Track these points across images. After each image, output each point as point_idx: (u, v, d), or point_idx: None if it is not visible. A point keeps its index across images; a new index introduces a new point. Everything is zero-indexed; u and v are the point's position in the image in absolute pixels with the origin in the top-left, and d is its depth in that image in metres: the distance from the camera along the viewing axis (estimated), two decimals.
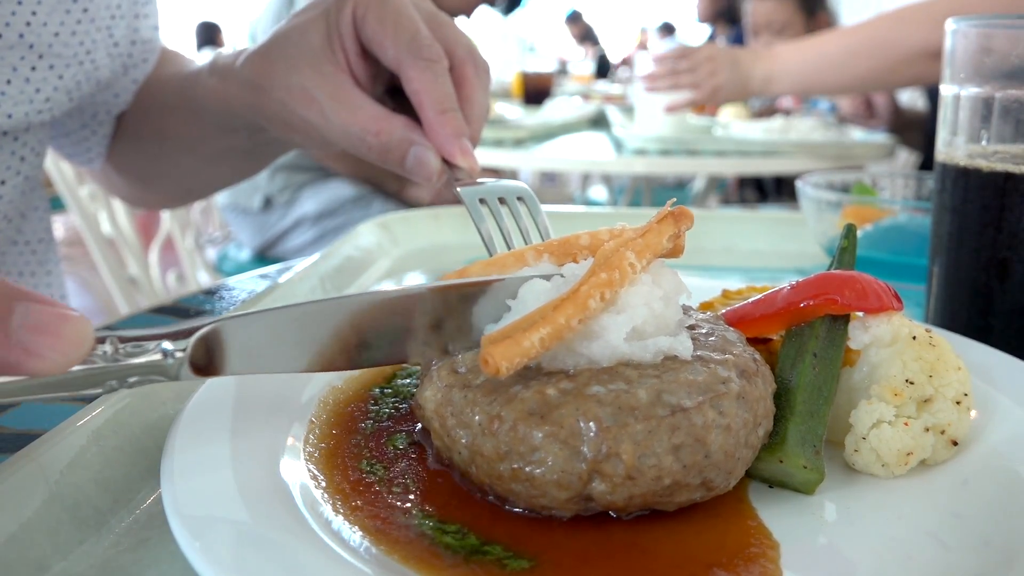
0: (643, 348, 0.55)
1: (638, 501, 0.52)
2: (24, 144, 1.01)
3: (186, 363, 0.52)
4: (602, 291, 0.55)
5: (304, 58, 0.85)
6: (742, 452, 0.54)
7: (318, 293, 1.03)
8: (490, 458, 0.53)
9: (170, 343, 0.52)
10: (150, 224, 3.14)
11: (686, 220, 0.62)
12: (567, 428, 0.51)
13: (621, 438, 0.50)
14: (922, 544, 0.53)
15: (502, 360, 0.51)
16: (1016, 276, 0.81)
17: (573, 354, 0.55)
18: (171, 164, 1.18)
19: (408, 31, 0.83)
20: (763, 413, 0.56)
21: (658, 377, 0.53)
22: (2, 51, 0.88)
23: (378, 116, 0.84)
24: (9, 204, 1.03)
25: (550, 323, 0.52)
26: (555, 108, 4.05)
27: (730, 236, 1.45)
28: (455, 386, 0.57)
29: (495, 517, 0.54)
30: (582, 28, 11.43)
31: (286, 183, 2.87)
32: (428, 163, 0.83)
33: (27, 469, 0.54)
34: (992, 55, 0.81)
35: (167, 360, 0.52)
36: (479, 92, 0.89)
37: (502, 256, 0.65)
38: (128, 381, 0.51)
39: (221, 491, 0.51)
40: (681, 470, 0.51)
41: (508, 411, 0.53)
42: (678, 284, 0.60)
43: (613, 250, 0.58)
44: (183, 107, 1.08)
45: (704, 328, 0.62)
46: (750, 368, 0.57)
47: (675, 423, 0.51)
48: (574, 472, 0.51)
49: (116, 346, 0.50)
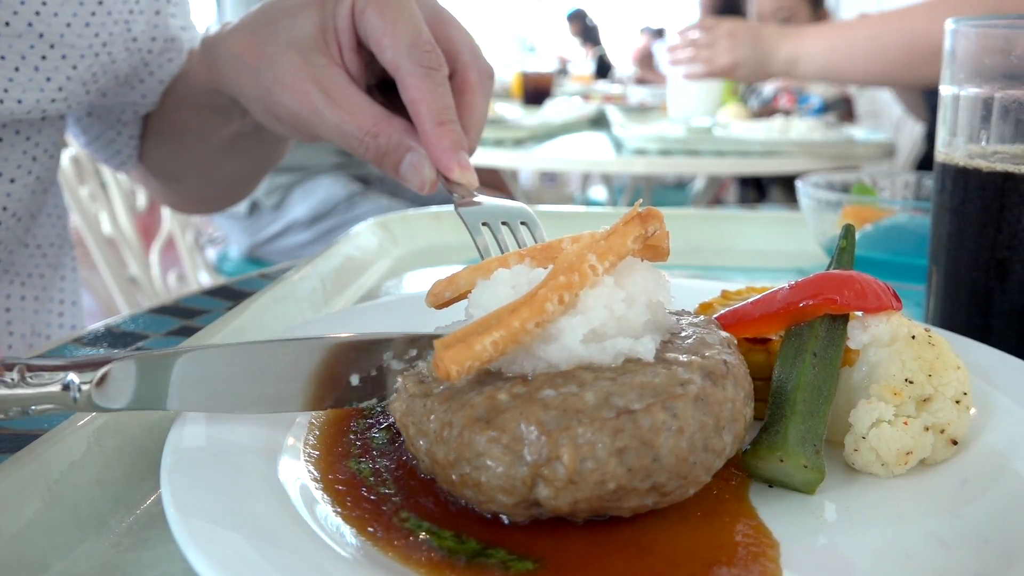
0: (601, 350, 0.54)
1: (584, 506, 0.51)
2: (36, 144, 1.01)
3: (90, 396, 0.54)
4: (560, 294, 0.54)
5: (294, 46, 0.83)
6: (699, 456, 0.52)
7: (318, 293, 1.03)
8: (443, 464, 0.53)
9: (76, 375, 0.53)
10: (151, 224, 3.13)
11: (654, 221, 0.61)
12: (509, 433, 0.50)
13: (562, 441, 0.49)
14: (922, 543, 0.53)
15: (452, 364, 0.50)
16: (1016, 276, 0.81)
17: (532, 358, 0.55)
18: (191, 158, 1.18)
19: (409, 33, 0.80)
20: (728, 417, 0.54)
21: (612, 380, 0.52)
22: (10, 39, 0.88)
23: (378, 117, 0.82)
24: (19, 202, 1.03)
25: (504, 326, 0.52)
26: (555, 108, 4.05)
27: (730, 236, 1.45)
28: (417, 395, 0.56)
29: (496, 520, 0.53)
30: (583, 27, 11.43)
31: (271, 186, 2.82)
32: (423, 172, 0.81)
33: (27, 469, 0.54)
34: (992, 55, 0.81)
35: (69, 392, 0.53)
36: (480, 100, 0.86)
37: (488, 261, 0.65)
38: (31, 409, 0.52)
39: (221, 491, 0.51)
40: (626, 474, 0.50)
41: (458, 417, 0.52)
42: (653, 286, 0.59)
43: (575, 253, 0.57)
44: (186, 94, 1.08)
45: (687, 331, 0.61)
46: (718, 371, 0.55)
47: (619, 426, 0.50)
48: (517, 477, 0.50)
49: (23, 374, 0.52)
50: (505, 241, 0.79)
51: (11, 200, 1.01)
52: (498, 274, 0.61)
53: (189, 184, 1.29)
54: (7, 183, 0.99)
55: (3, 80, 0.89)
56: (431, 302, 0.68)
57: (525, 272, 0.61)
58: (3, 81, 0.89)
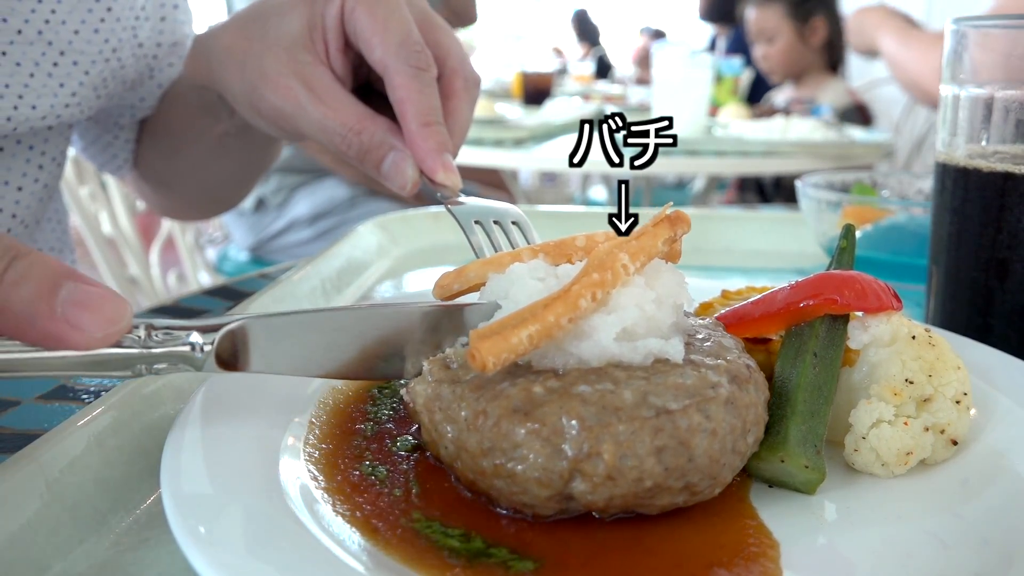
0: (633, 350, 0.55)
1: (619, 502, 0.52)
2: (43, 153, 1.02)
3: (212, 356, 0.55)
4: (593, 291, 0.55)
5: (281, 42, 0.83)
6: (728, 458, 0.54)
7: (318, 293, 1.03)
8: (474, 453, 0.53)
9: (199, 335, 0.55)
10: (151, 224, 3.14)
11: (682, 225, 0.62)
12: (549, 426, 0.51)
13: (603, 437, 0.50)
14: (922, 543, 0.53)
15: (489, 355, 0.51)
16: (1016, 276, 0.81)
17: (563, 353, 0.55)
18: (183, 162, 1.18)
19: (399, 32, 0.80)
20: (753, 420, 0.56)
21: (646, 379, 0.53)
22: (23, 46, 0.89)
23: (362, 115, 0.81)
24: (27, 210, 1.03)
25: (540, 321, 0.52)
26: (555, 108, 4.05)
27: (730, 236, 1.45)
28: (445, 381, 0.57)
29: (498, 519, 0.53)
30: (584, 27, 11.42)
31: (279, 185, 2.89)
32: (405, 171, 0.80)
33: (27, 469, 0.54)
34: (992, 55, 0.81)
35: (194, 352, 0.54)
36: (465, 106, 0.86)
37: (499, 255, 0.65)
38: (155, 368, 0.53)
39: (221, 491, 0.51)
40: (663, 473, 0.51)
41: (493, 407, 0.52)
42: (677, 288, 0.60)
43: (607, 251, 0.58)
44: (178, 94, 1.08)
45: (701, 333, 0.62)
46: (742, 374, 0.56)
47: (659, 425, 0.51)
48: (555, 470, 0.50)
49: (149, 332, 0.53)
50: (498, 240, 0.79)
51: (20, 208, 1.02)
52: (514, 268, 0.61)
53: (181, 189, 1.29)
54: (15, 191, 1.00)
55: (18, 86, 0.90)
56: (438, 294, 0.68)
57: (545, 268, 0.61)
58: (18, 87, 0.90)
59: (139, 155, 1.22)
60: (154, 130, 1.18)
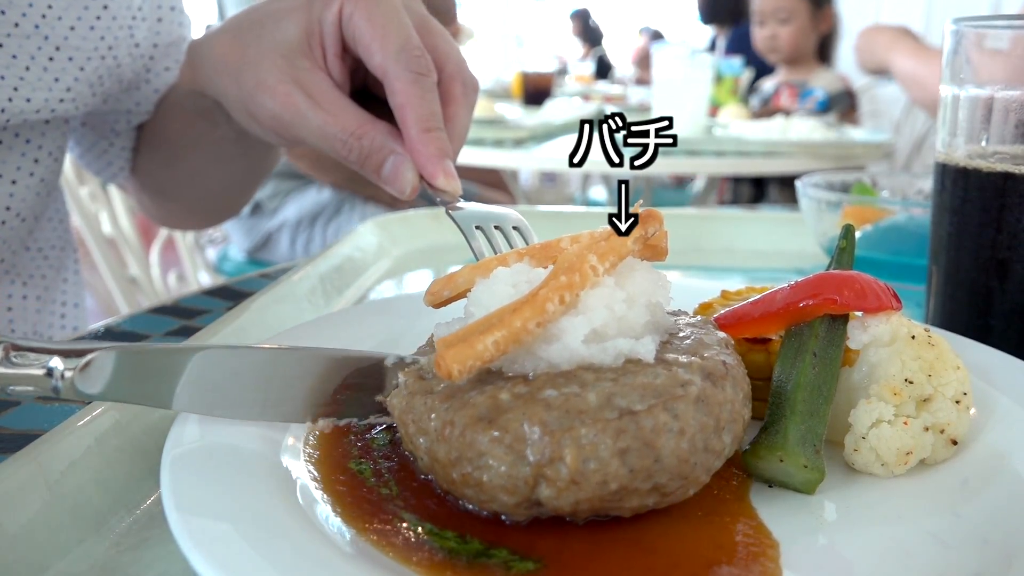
0: (602, 351, 0.54)
1: (586, 506, 0.51)
2: (39, 147, 1.02)
3: (73, 383, 0.53)
4: (561, 294, 0.54)
5: (278, 49, 0.82)
6: (699, 457, 0.53)
7: (318, 293, 1.03)
8: (444, 463, 0.53)
9: (60, 360, 0.53)
10: (151, 224, 3.13)
11: (653, 222, 0.61)
12: (512, 433, 0.50)
13: (564, 442, 0.49)
14: (922, 543, 0.53)
15: (454, 363, 0.50)
16: (1016, 276, 0.81)
17: (533, 358, 0.55)
18: (181, 170, 1.18)
19: (398, 38, 0.80)
20: (728, 418, 0.54)
21: (614, 380, 0.52)
22: (20, 39, 0.90)
23: (362, 119, 0.81)
24: (23, 203, 1.03)
25: (506, 326, 0.52)
26: (555, 108, 4.05)
27: (730, 236, 1.45)
28: (418, 392, 0.56)
29: (499, 519, 0.53)
30: (584, 27, 11.42)
31: (275, 190, 2.94)
32: (405, 175, 0.80)
33: (27, 469, 0.54)
34: (992, 55, 0.81)
35: (51, 378, 0.52)
36: (464, 111, 0.86)
37: (487, 260, 0.65)
38: (9, 390, 0.52)
39: (221, 491, 0.51)
40: (628, 475, 0.50)
41: (460, 416, 0.52)
42: (652, 287, 0.59)
43: (575, 253, 0.57)
44: (176, 100, 1.08)
45: (684, 331, 0.61)
46: (718, 371, 0.55)
47: (622, 426, 0.50)
48: (519, 477, 0.50)
49: (8, 353, 0.51)
50: (499, 244, 0.79)
51: (14, 201, 1.02)
52: (497, 272, 0.61)
53: (180, 197, 1.29)
54: (8, 184, 1.00)
55: (14, 79, 0.91)
56: (429, 301, 0.67)
57: (525, 271, 0.61)
58: (14, 79, 0.91)
59: (138, 164, 1.22)
60: (152, 138, 1.18)
